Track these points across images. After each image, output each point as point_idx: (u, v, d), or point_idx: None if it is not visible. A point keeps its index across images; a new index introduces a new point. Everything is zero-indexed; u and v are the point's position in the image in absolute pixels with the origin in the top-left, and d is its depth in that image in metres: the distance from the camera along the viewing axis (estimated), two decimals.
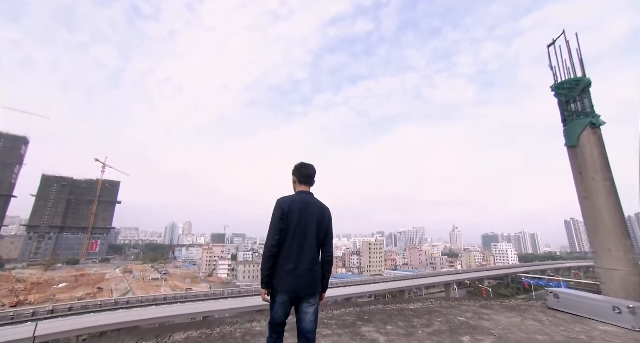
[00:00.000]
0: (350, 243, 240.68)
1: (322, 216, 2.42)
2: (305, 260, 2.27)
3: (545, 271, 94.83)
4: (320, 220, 2.40)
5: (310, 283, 2.28)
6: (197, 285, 75.79)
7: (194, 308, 32.41)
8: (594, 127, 5.80)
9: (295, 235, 2.29)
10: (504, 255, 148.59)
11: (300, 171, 2.56)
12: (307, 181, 2.56)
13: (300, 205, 2.36)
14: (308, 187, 2.57)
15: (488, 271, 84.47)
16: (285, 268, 2.24)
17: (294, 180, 2.60)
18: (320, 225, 2.39)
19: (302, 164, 2.61)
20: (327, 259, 2.43)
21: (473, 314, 4.66)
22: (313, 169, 2.62)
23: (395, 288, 55.01)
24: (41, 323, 26.63)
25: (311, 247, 2.32)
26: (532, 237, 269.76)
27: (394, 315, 4.64)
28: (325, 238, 2.42)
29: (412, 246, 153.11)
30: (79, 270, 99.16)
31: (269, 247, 2.27)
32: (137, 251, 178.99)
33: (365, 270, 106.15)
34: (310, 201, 2.43)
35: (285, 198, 2.41)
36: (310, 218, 2.36)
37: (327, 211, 2.49)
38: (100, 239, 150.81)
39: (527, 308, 5.12)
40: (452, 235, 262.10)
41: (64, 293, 64.86)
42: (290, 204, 2.34)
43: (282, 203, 2.35)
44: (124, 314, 29.87)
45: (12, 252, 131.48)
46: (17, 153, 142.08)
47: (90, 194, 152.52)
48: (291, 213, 2.31)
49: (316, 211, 2.41)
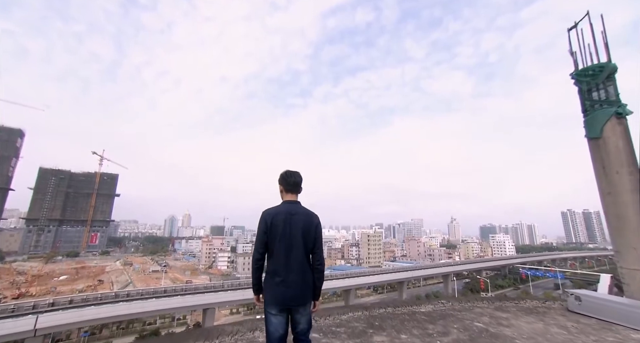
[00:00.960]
0: (349, 235, 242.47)
1: (308, 226, 2.38)
2: (293, 271, 2.27)
3: (542, 262, 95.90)
4: (306, 230, 2.36)
5: (300, 293, 2.27)
6: (197, 277, 76.30)
7: (194, 301, 32.50)
8: (620, 118, 5.39)
9: (280, 247, 2.29)
10: (501, 246, 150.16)
11: (287, 180, 2.52)
12: (293, 189, 2.52)
13: (285, 217, 2.34)
14: (295, 195, 2.54)
15: (486, 263, 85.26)
16: (273, 280, 2.26)
17: (281, 189, 2.56)
18: (307, 235, 2.36)
19: (288, 172, 2.57)
20: (317, 268, 2.39)
21: (490, 319, 4.36)
22: (299, 176, 2.57)
23: (395, 279, 55.45)
24: (42, 316, 26.62)
25: (299, 258, 2.31)
26: (530, 228, 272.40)
27: (406, 320, 4.33)
28: (314, 247, 2.39)
29: (410, 238, 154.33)
30: (79, 263, 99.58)
31: (255, 261, 2.32)
32: (137, 244, 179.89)
33: (364, 261, 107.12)
34: (295, 211, 2.40)
35: (269, 211, 2.39)
36: (296, 229, 2.33)
37: (314, 220, 2.44)
38: (100, 232, 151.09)
39: (545, 311, 4.83)
40: (451, 227, 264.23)
41: (65, 285, 65.20)
42: (274, 217, 2.33)
43: (266, 216, 2.34)
44: (125, 307, 29.86)
45: (12, 245, 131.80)
46: (13, 146, 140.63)
47: (89, 188, 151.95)
48: (275, 225, 2.31)
49: (302, 221, 2.37)
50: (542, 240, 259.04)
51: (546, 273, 79.77)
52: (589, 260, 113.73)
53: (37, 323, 25.95)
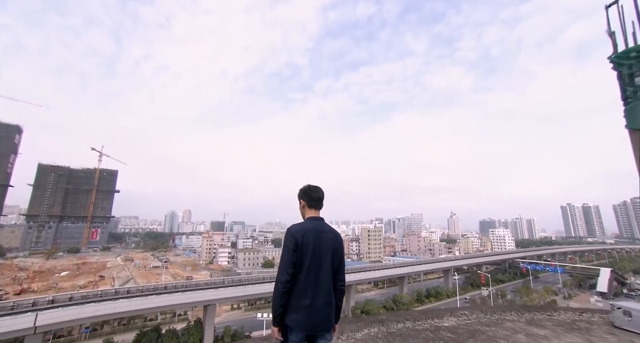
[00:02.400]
0: (349, 229, 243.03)
1: (337, 245, 2.28)
2: (321, 293, 2.13)
3: (542, 256, 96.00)
4: (335, 249, 2.26)
5: (327, 318, 2.15)
6: (198, 272, 76.32)
7: (195, 297, 32.18)
8: None
9: (311, 267, 2.13)
10: (501, 240, 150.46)
11: (310, 195, 2.39)
12: (317, 205, 2.40)
13: (315, 235, 2.19)
14: (318, 212, 2.40)
15: (486, 257, 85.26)
16: (300, 304, 2.08)
17: (303, 205, 2.42)
18: (335, 254, 2.25)
19: (311, 187, 2.44)
20: (340, 289, 2.28)
21: (528, 338, 3.78)
22: (322, 192, 2.45)
23: (396, 275, 55.28)
24: (42, 314, 26.26)
25: (327, 279, 2.19)
26: (529, 223, 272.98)
27: (430, 339, 3.75)
28: (339, 267, 2.29)
29: (410, 233, 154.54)
30: (80, 259, 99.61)
31: (283, 283, 2.08)
32: (137, 240, 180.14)
33: (365, 256, 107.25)
34: (323, 229, 2.27)
35: (298, 227, 2.22)
36: (325, 248, 2.21)
37: (340, 239, 2.36)
38: (100, 228, 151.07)
39: (587, 326, 4.26)
40: (450, 222, 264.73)
41: (66, 281, 65.20)
42: (305, 234, 2.17)
43: (296, 233, 2.17)
44: (126, 304, 29.54)
45: (12, 241, 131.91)
46: (12, 142, 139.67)
47: (88, 184, 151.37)
48: (306, 244, 2.14)
49: (331, 239, 2.26)
50: (542, 234, 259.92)
51: (546, 267, 79.84)
52: (589, 254, 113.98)
53: (36, 321, 25.60)
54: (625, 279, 67.90)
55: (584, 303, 53.65)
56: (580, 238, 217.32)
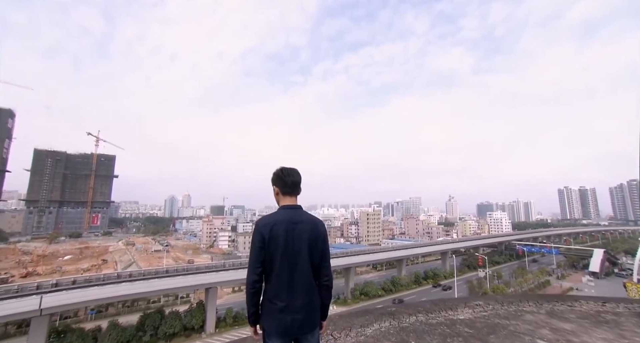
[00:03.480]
0: (348, 213, 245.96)
1: (315, 237, 1.93)
2: (299, 294, 1.84)
3: (538, 238, 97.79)
4: (313, 241, 1.92)
5: (308, 319, 1.85)
6: (198, 256, 77.56)
7: (196, 281, 32.64)
8: None
9: (283, 265, 1.83)
10: (498, 223, 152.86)
11: (284, 180, 2.02)
12: (292, 191, 2.03)
13: (287, 227, 1.87)
14: (295, 198, 2.06)
15: (483, 240, 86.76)
16: (275, 306, 1.82)
17: (276, 192, 2.07)
18: (315, 247, 1.92)
19: (284, 170, 2.06)
20: (325, 284, 1.98)
21: (554, 333, 3.46)
22: (298, 175, 2.08)
23: (394, 257, 56.25)
24: (46, 296, 26.62)
25: (305, 276, 1.88)
26: (526, 206, 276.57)
27: (448, 336, 3.43)
28: (321, 261, 1.96)
29: (409, 216, 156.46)
30: (82, 243, 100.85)
31: (250, 283, 1.84)
32: (138, 225, 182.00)
33: (364, 239, 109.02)
34: (298, 219, 1.93)
35: (265, 221, 1.90)
36: (301, 241, 1.88)
37: (320, 228, 1.98)
38: (100, 213, 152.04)
39: (615, 319, 3.94)
40: (448, 205, 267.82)
41: (70, 265, 66.22)
42: (273, 228, 1.85)
43: (262, 228, 1.86)
44: (128, 287, 29.94)
45: (14, 226, 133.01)
46: (5, 127, 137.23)
47: (86, 169, 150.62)
48: (274, 239, 1.83)
49: (307, 230, 1.91)
50: (538, 217, 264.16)
51: (541, 249, 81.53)
52: (583, 235, 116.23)
53: (41, 303, 25.99)
54: (617, 259, 69.60)
55: (575, 282, 55.23)
56: (575, 220, 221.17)
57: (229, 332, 31.83)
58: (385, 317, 4.03)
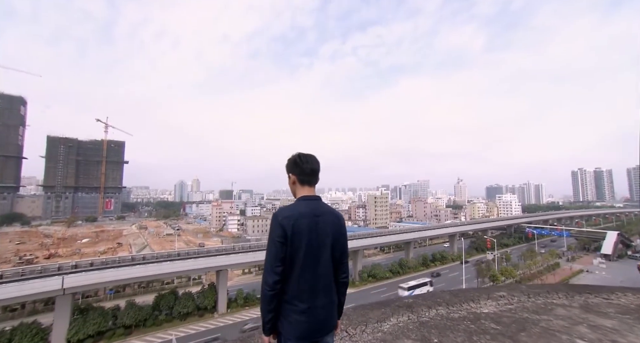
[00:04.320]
0: (355, 196, 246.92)
1: (338, 230, 1.75)
2: (322, 293, 1.66)
3: (548, 221, 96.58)
4: (337, 237, 1.73)
5: (329, 320, 1.69)
6: (209, 239, 79.67)
7: (207, 263, 33.53)
8: None
9: (307, 263, 1.61)
10: (508, 206, 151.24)
11: (302, 168, 1.79)
12: (311, 180, 1.81)
13: (310, 221, 1.64)
14: (313, 188, 1.83)
15: (492, 223, 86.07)
16: (296, 308, 1.60)
17: (293, 181, 1.83)
18: (337, 241, 1.73)
19: (302, 156, 1.81)
20: (343, 281, 1.81)
21: (594, 332, 3.08)
22: (317, 162, 1.84)
23: (402, 240, 56.51)
24: (67, 277, 27.89)
25: (327, 274, 1.70)
26: (537, 188, 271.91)
27: (473, 333, 3.10)
28: (342, 256, 1.78)
29: (417, 199, 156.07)
30: (98, 227, 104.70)
31: (270, 285, 1.57)
32: (149, 209, 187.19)
33: (371, 222, 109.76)
34: (321, 212, 1.71)
35: (286, 213, 1.64)
36: (324, 237, 1.67)
37: (342, 221, 1.82)
38: (113, 198, 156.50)
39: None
40: (457, 188, 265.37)
41: (88, 247, 69.05)
42: (296, 221, 1.61)
43: (283, 221, 1.60)
44: (142, 269, 31.01)
45: (34, 211, 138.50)
46: (18, 114, 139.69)
47: (97, 155, 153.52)
48: (298, 234, 1.60)
49: (331, 225, 1.72)
50: (549, 200, 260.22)
51: (552, 231, 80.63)
52: (596, 218, 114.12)
53: (64, 283, 27.28)
54: (631, 242, 68.31)
55: (586, 264, 54.74)
56: (589, 202, 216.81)
57: (240, 312, 32.98)
58: (402, 311, 3.72)
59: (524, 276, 46.31)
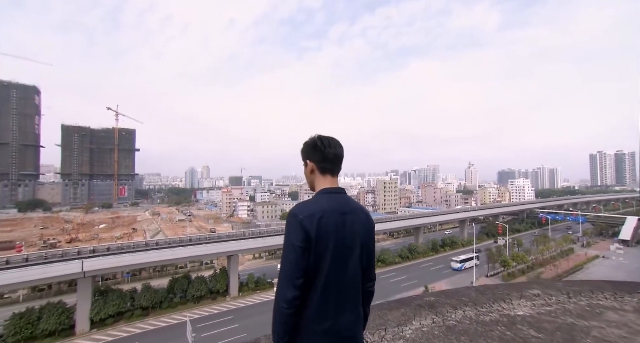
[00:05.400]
0: (364, 182, 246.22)
1: (368, 230, 1.42)
2: (348, 306, 1.32)
3: (563, 206, 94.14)
4: (366, 239, 1.41)
5: (356, 338, 1.34)
6: (220, 225, 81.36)
7: (218, 249, 34.17)
8: None
9: (332, 272, 1.27)
10: (520, 191, 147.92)
11: (324, 153, 1.44)
12: (334, 168, 1.46)
13: (337, 220, 1.31)
14: (336, 178, 1.48)
15: (503, 208, 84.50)
16: (319, 328, 1.27)
17: (311, 168, 1.48)
18: (366, 245, 1.41)
19: (323, 139, 1.46)
20: (369, 290, 1.48)
21: None
22: (340, 146, 1.49)
23: (412, 225, 56.20)
24: (86, 261, 28.94)
25: (355, 284, 1.36)
26: (551, 172, 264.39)
27: (511, 341, 2.63)
28: (370, 261, 1.45)
29: (426, 184, 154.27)
30: (114, 213, 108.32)
31: (288, 301, 1.22)
32: (162, 196, 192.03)
33: (380, 208, 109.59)
34: (349, 209, 1.38)
35: (307, 210, 1.29)
36: (353, 238, 1.34)
37: (373, 222, 1.47)
38: (127, 185, 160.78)
39: None
40: (467, 172, 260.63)
41: (105, 233, 71.68)
42: (320, 220, 1.27)
43: (306, 222, 1.25)
44: (156, 254, 31.89)
45: (54, 197, 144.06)
46: (33, 104, 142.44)
47: (110, 143, 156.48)
48: (323, 236, 1.26)
49: (360, 223, 1.38)
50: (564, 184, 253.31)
51: (566, 216, 78.50)
52: (615, 202, 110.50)
53: (83, 267, 28.36)
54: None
55: (603, 250, 53.39)
56: (607, 186, 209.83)
57: (252, 295, 33.79)
58: (424, 311, 3.28)
59: (536, 262, 45.63)
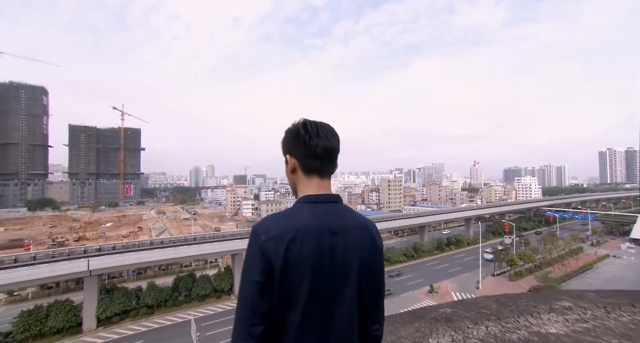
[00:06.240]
0: (368, 180, 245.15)
1: (370, 256, 0.99)
2: None
3: (571, 204, 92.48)
4: (368, 266, 0.98)
5: None
6: (224, 223, 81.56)
7: (222, 247, 34.13)
8: None
9: (312, 313, 0.89)
10: (527, 189, 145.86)
11: (308, 145, 1.01)
12: (323, 167, 1.04)
13: (320, 242, 0.91)
14: (328, 180, 1.06)
15: (509, 206, 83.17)
16: None
17: (292, 166, 1.05)
18: (369, 274, 0.99)
19: (308, 126, 1.03)
20: (375, 335, 1.06)
21: None
22: (334, 134, 1.06)
23: (416, 224, 55.58)
24: (92, 260, 29.17)
25: (348, 328, 0.94)
26: (559, 170, 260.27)
27: None
28: (374, 297, 1.02)
29: (431, 182, 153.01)
30: (120, 212, 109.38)
31: None
32: (167, 194, 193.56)
33: (385, 206, 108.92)
34: (340, 227, 0.96)
35: (273, 230, 0.90)
36: (346, 269, 0.94)
37: (377, 240, 1.03)
38: (133, 184, 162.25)
39: None
40: (473, 170, 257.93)
41: (111, 231, 72.31)
42: (290, 246, 0.88)
43: (268, 246, 0.88)
44: (160, 253, 31.97)
45: (62, 196, 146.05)
46: (41, 104, 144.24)
47: (115, 143, 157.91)
48: (293, 269, 0.87)
49: (359, 247, 0.97)
50: (572, 182, 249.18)
51: (575, 215, 76.98)
52: (626, 200, 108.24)
53: (89, 265, 28.54)
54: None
55: (613, 249, 52.24)
56: (617, 184, 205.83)
57: None
58: (441, 326, 2.91)
59: (543, 261, 44.81)
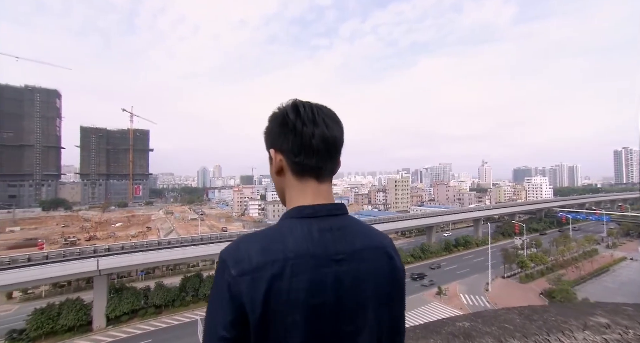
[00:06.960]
0: (375, 180, 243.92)
1: (389, 283, 0.75)
2: None
3: (585, 204, 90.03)
4: (385, 296, 0.72)
5: None
6: (231, 224, 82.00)
7: None
8: None
9: None
10: (537, 189, 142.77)
11: (300, 135, 0.72)
12: (321, 165, 0.74)
13: (316, 277, 0.62)
14: (328, 183, 0.78)
15: (519, 207, 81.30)
16: None
17: (279, 166, 0.77)
18: (386, 309, 0.72)
19: (300, 108, 0.76)
20: None
21: None
22: (336, 122, 0.79)
23: (424, 224, 54.83)
24: (101, 260, 29.50)
25: None
26: (571, 170, 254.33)
27: None
28: (393, 335, 0.75)
29: (439, 183, 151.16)
30: (129, 212, 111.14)
31: None
32: (175, 195, 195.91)
33: (392, 206, 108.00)
34: (346, 250, 0.68)
35: (246, 256, 0.62)
36: (357, 306, 0.66)
37: (397, 264, 0.80)
38: (141, 185, 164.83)
39: None
40: (481, 170, 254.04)
41: (121, 231, 73.47)
42: (274, 284, 0.59)
43: (239, 284, 0.60)
44: (168, 253, 32.22)
45: (74, 196, 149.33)
46: (54, 107, 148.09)
47: (125, 144, 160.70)
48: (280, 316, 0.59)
49: (372, 276, 0.70)
50: (585, 182, 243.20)
51: (589, 216, 74.87)
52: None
53: (99, 265, 28.89)
54: None
55: (630, 251, 50.52)
56: (634, 184, 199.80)
57: None
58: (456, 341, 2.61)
59: (556, 263, 43.60)
